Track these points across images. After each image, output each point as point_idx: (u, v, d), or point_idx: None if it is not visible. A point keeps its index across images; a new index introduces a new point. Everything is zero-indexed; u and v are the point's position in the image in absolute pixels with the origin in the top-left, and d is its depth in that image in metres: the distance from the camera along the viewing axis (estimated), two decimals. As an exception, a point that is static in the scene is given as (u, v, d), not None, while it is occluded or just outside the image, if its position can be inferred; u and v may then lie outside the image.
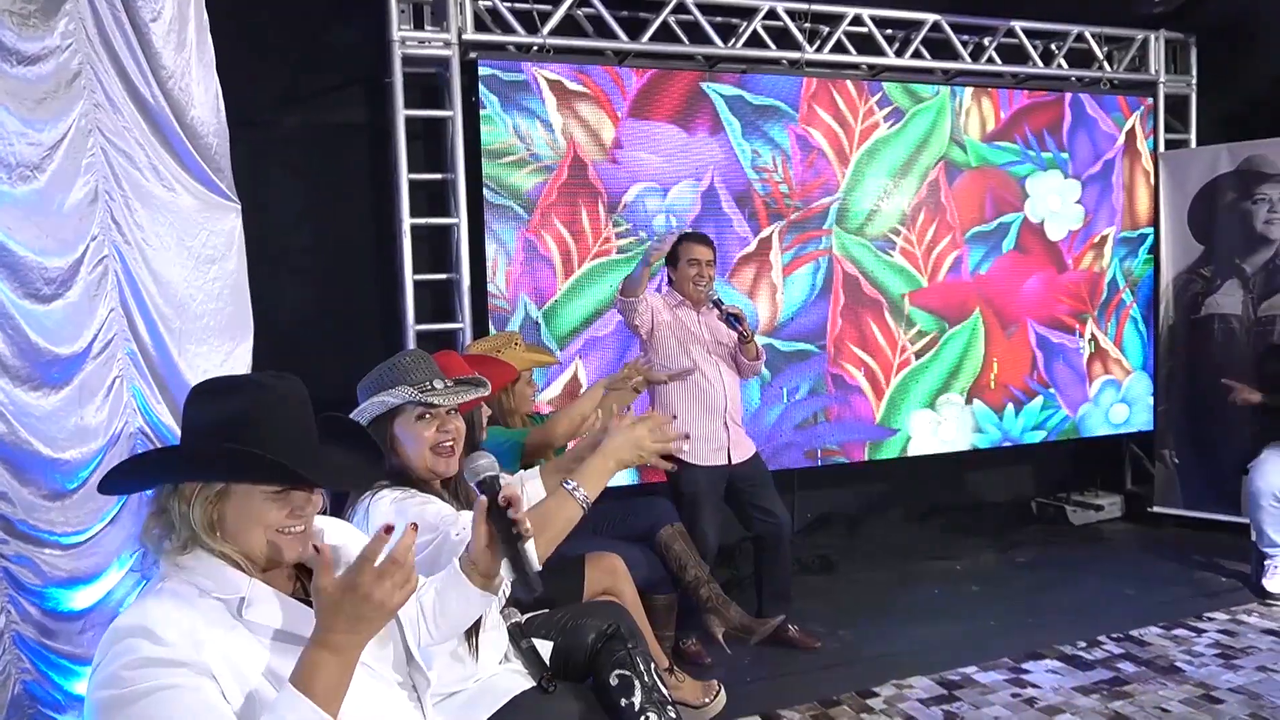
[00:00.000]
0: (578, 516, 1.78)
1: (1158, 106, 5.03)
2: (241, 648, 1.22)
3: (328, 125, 3.82)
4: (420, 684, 1.46)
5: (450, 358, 2.48)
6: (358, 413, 1.84)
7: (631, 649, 1.92)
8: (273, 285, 3.31)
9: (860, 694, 3.03)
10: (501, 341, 3.05)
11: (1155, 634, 3.49)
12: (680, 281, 3.39)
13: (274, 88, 3.67)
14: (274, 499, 1.27)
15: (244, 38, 3.30)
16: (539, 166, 3.86)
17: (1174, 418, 4.96)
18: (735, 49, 4.17)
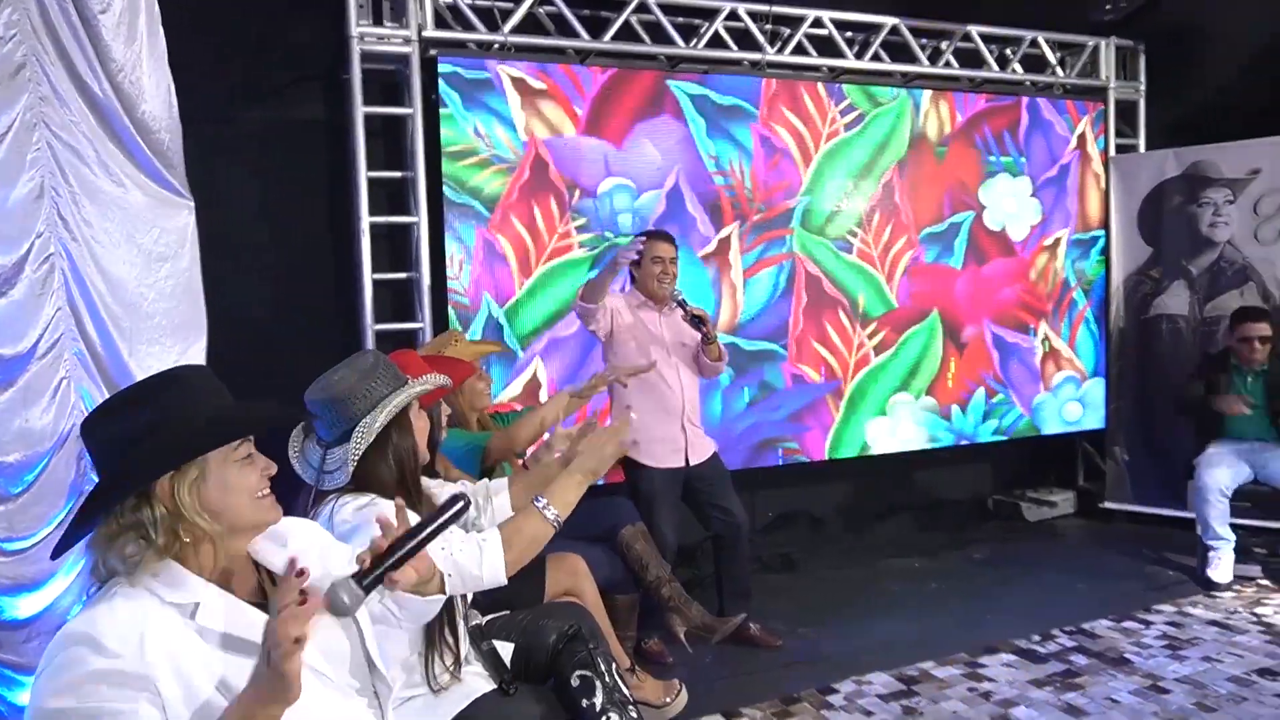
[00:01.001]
0: (548, 535, 1.79)
1: (1108, 111, 5.15)
2: (193, 654, 1.20)
3: (285, 121, 3.76)
4: (382, 690, 1.45)
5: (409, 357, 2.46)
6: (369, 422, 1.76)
7: (593, 649, 1.91)
8: (228, 284, 3.23)
9: (821, 691, 3.06)
10: (443, 341, 3.03)
11: (1106, 626, 3.57)
12: (644, 280, 3.35)
13: (230, 83, 3.60)
14: (246, 464, 1.31)
15: (199, 32, 3.23)
16: (501, 167, 3.84)
17: (1124, 416, 5.08)
18: (697, 49, 4.19)
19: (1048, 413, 5.09)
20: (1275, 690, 2.97)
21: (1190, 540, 4.16)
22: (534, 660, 1.96)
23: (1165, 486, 4.69)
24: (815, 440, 4.52)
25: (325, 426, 1.78)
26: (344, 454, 1.73)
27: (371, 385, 1.78)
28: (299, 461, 1.83)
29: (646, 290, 3.37)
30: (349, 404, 1.76)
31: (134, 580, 1.22)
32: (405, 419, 1.82)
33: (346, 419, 1.75)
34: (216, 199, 3.24)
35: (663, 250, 3.34)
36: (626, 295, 3.45)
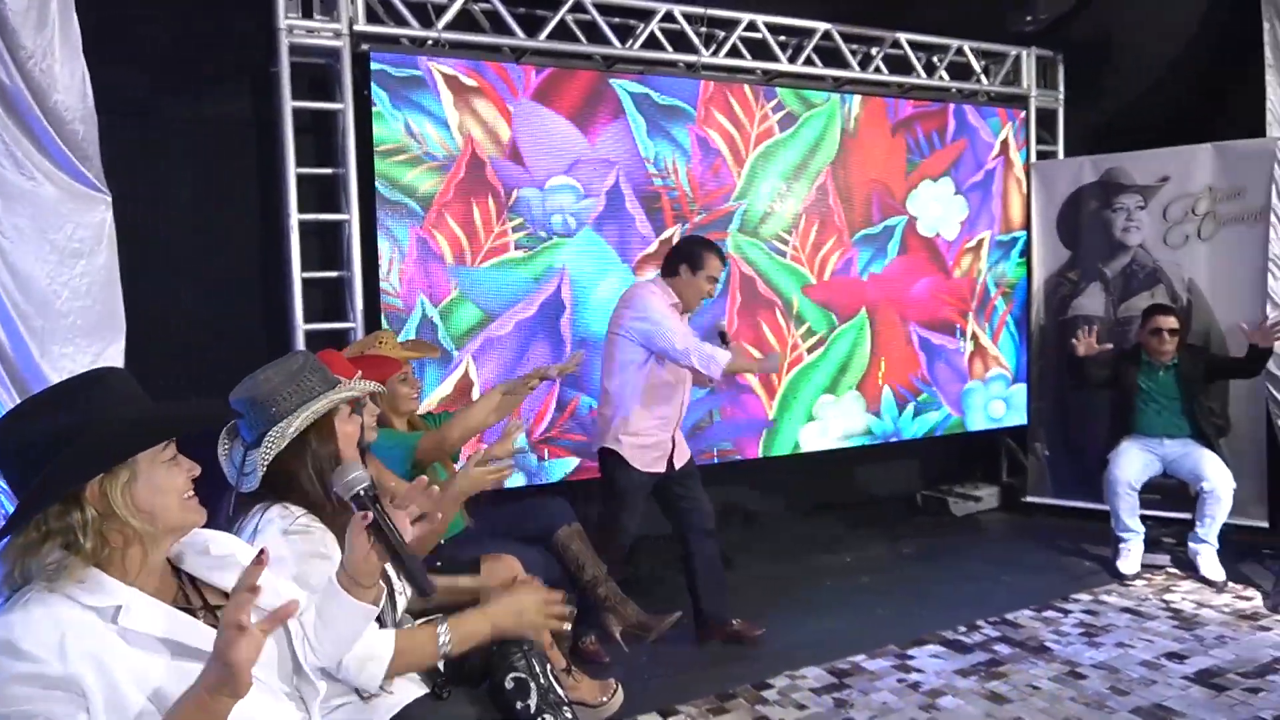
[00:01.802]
0: (430, 662, 1.78)
1: (1029, 119, 5.34)
2: (117, 657, 1.19)
3: (211, 115, 3.65)
4: (308, 693, 1.44)
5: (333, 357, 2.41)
6: (283, 427, 1.70)
7: (527, 650, 1.90)
8: (150, 282, 3.14)
9: (755, 686, 3.10)
10: (368, 342, 2.98)
11: (1027, 616, 3.70)
12: (688, 290, 3.29)
13: (153, 75, 3.47)
14: (173, 465, 1.31)
15: (121, 21, 3.12)
16: (434, 165, 3.79)
17: (1045, 414, 5.27)
18: (633, 50, 4.20)
19: (976, 408, 5.25)
20: (1182, 673, 3.12)
21: (1106, 532, 4.34)
22: (468, 663, 1.94)
23: (1082, 481, 4.88)
24: (749, 439, 4.58)
25: (247, 427, 1.74)
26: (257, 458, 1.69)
27: (295, 388, 1.73)
28: (225, 461, 1.79)
29: (684, 297, 3.32)
30: (269, 406, 1.72)
31: (53, 587, 1.20)
32: (327, 424, 1.78)
33: (265, 421, 1.71)
34: (138, 194, 3.14)
35: (719, 272, 3.35)
36: (660, 286, 3.33)
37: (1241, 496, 4.17)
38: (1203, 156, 4.72)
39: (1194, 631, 3.49)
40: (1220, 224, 4.69)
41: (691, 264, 3.28)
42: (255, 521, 1.71)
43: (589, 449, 4.14)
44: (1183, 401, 4.24)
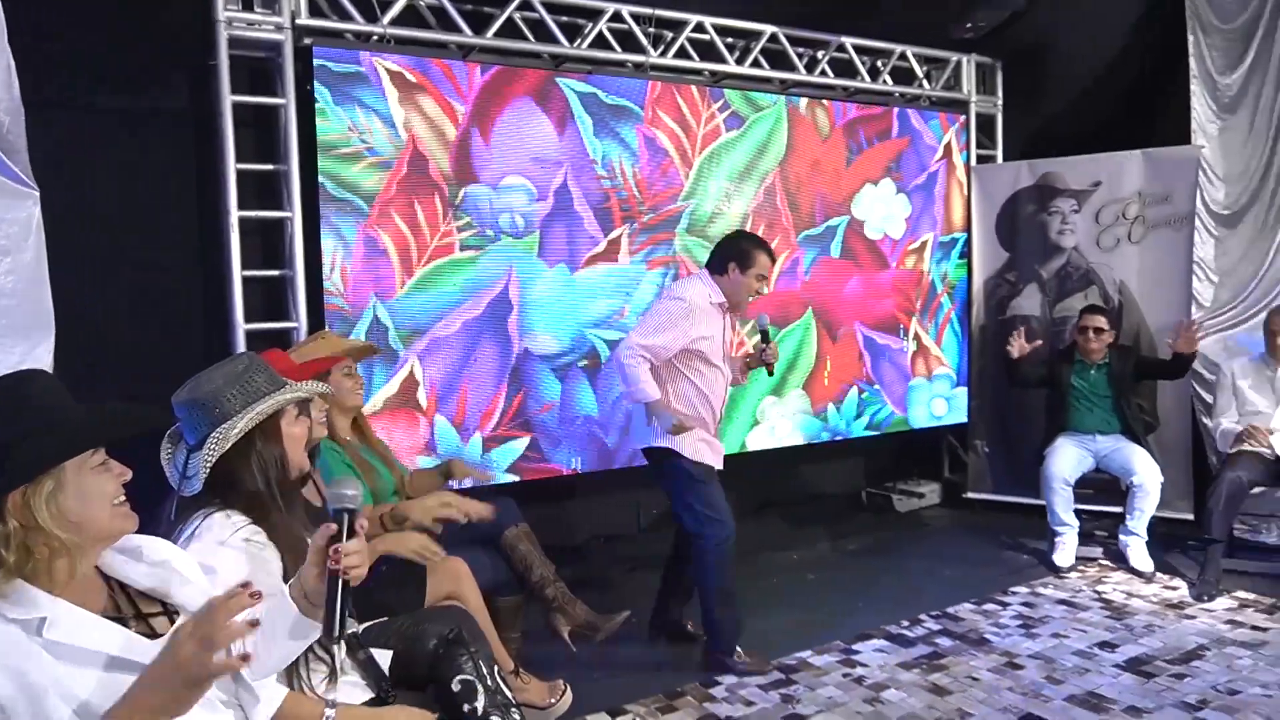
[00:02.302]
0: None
1: (970, 123, 5.47)
2: (41, 670, 1.15)
3: (146, 109, 3.54)
4: (248, 702, 1.42)
5: (278, 357, 2.37)
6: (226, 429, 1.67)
7: (474, 653, 1.89)
8: (82, 280, 3.04)
9: (703, 684, 3.12)
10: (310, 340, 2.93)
11: (968, 609, 3.79)
12: (738, 287, 3.21)
13: (86, 67, 3.36)
14: (102, 471, 1.27)
15: (52, 11, 3.02)
16: (377, 161, 3.74)
17: (985, 411, 5.40)
18: (581, 49, 4.19)
19: (917, 409, 5.36)
20: (1114, 661, 3.23)
21: (1043, 526, 4.46)
22: (414, 667, 1.93)
23: (1020, 477, 5.01)
24: (698, 438, 4.60)
25: (190, 430, 1.71)
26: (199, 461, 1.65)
27: (239, 390, 1.70)
28: (168, 465, 1.75)
29: (733, 295, 3.23)
30: (212, 408, 1.68)
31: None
32: (273, 426, 1.75)
33: (208, 423, 1.67)
34: (69, 189, 3.03)
35: (769, 269, 3.28)
36: (709, 285, 3.23)
37: (1168, 491, 4.33)
38: (1132, 162, 4.89)
39: (1124, 621, 3.61)
40: (1149, 228, 4.86)
41: (741, 262, 3.20)
42: (195, 526, 1.67)
43: (536, 445, 4.13)
44: (1114, 399, 4.39)
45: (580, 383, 4.24)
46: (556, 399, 4.18)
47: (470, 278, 3.95)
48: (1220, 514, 3.92)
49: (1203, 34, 4.92)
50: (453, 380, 3.93)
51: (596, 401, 4.28)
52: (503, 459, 4.07)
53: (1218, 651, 3.28)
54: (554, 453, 4.19)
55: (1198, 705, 2.87)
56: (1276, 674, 3.07)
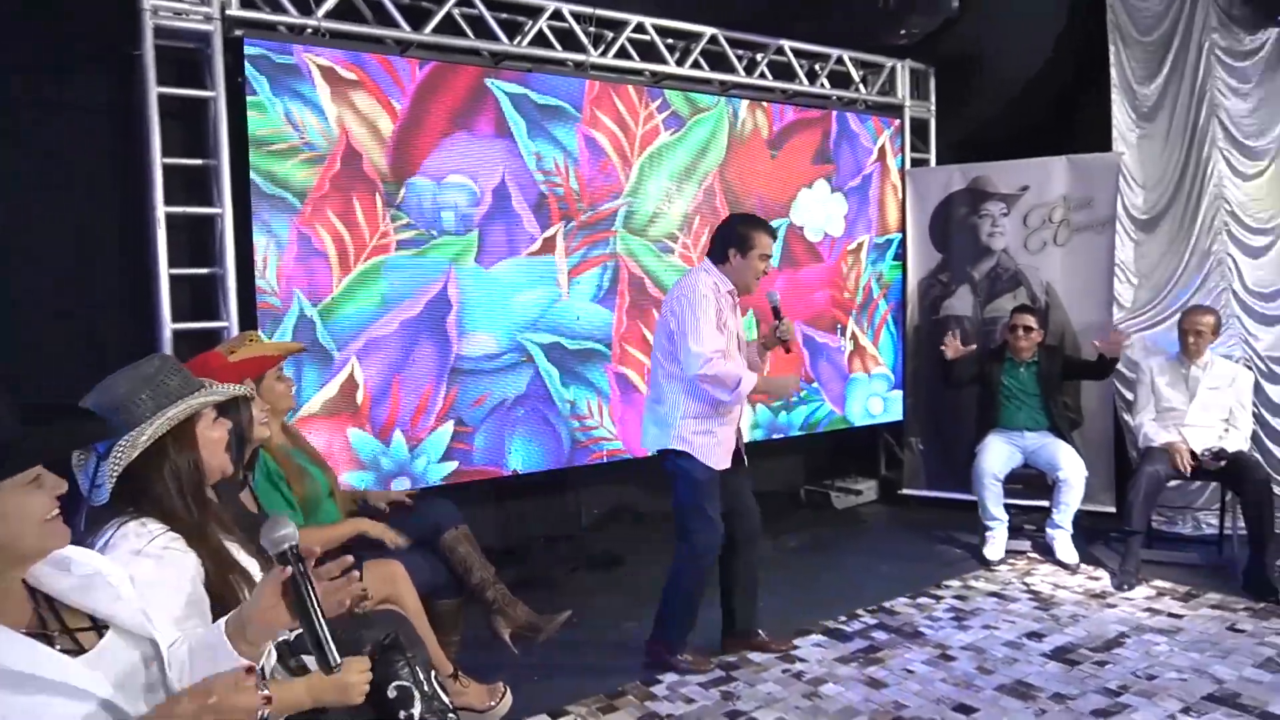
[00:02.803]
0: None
1: (904, 128, 5.59)
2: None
3: (69, 100, 3.40)
4: None
5: (211, 358, 2.31)
6: (134, 435, 1.60)
7: (411, 658, 1.86)
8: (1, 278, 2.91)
9: (644, 683, 3.13)
10: (236, 343, 2.86)
11: (903, 603, 3.88)
12: (742, 273, 3.14)
13: (3, 56, 3.22)
14: (34, 488, 1.21)
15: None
16: (310, 157, 3.66)
17: (919, 410, 5.53)
18: (521, 47, 4.17)
19: (854, 407, 5.45)
20: (1041, 650, 3.33)
21: (975, 520, 4.58)
22: (348, 673, 1.88)
23: (953, 473, 5.15)
24: (637, 437, 4.60)
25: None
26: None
27: (150, 393, 1.63)
28: (80, 473, 1.67)
29: (740, 280, 3.16)
30: (119, 415, 1.60)
31: None
32: (187, 431, 1.67)
33: (115, 430, 1.60)
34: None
35: (771, 247, 3.19)
36: (714, 275, 3.15)
37: (1092, 485, 4.49)
38: (1058, 168, 5.05)
39: (1051, 611, 3.74)
40: (1073, 231, 5.03)
41: (740, 246, 3.13)
42: (108, 537, 1.59)
43: (475, 446, 4.09)
44: (1041, 397, 4.53)
45: (519, 383, 4.21)
46: (495, 399, 4.15)
47: (409, 276, 3.90)
48: (1139, 506, 4.08)
49: (1123, 45, 5.11)
50: (390, 381, 3.87)
51: (536, 401, 4.25)
52: (440, 460, 4.02)
53: (1137, 638, 3.42)
54: (493, 454, 4.15)
55: (1118, 691, 2.98)
56: (1191, 659, 3.21)
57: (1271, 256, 4.93)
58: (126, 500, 1.62)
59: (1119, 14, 5.10)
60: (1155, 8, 5.05)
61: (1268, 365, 4.91)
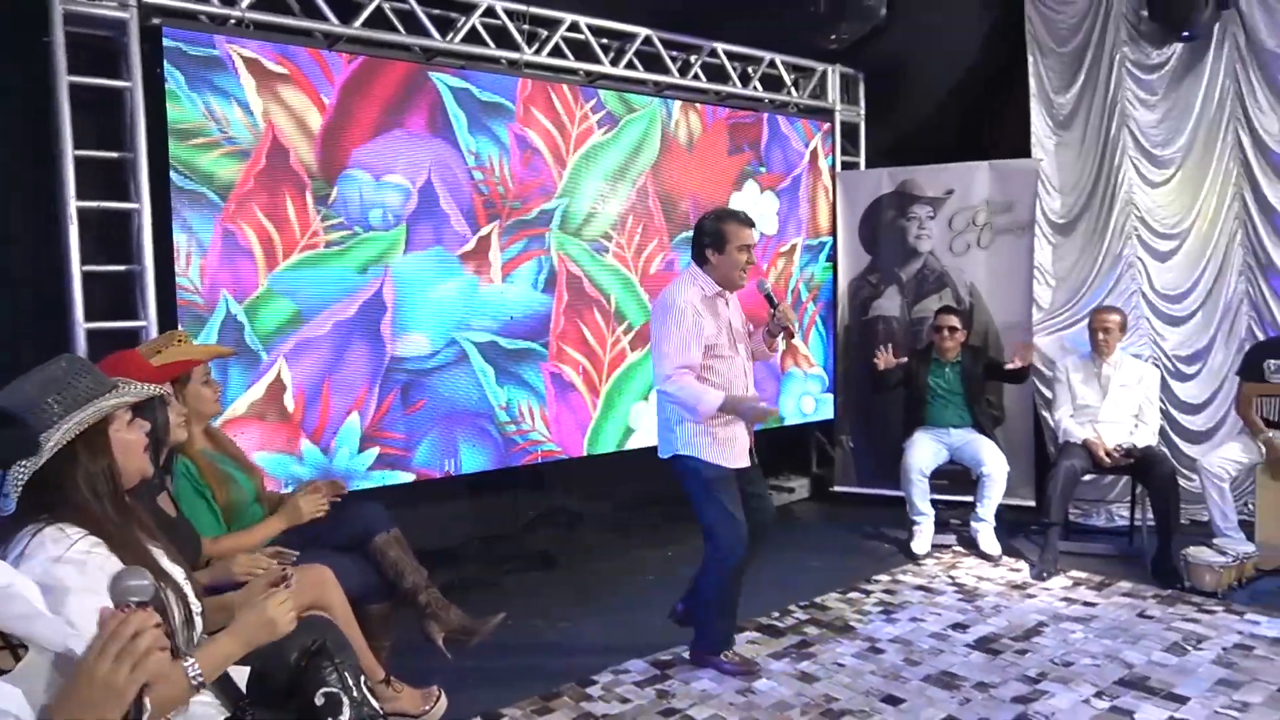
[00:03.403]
0: (186, 700, 1.61)
1: (835, 131, 5.70)
2: None
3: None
4: None
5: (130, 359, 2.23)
6: (41, 441, 1.51)
7: (339, 664, 1.82)
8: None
9: (579, 684, 3.13)
10: (163, 341, 2.77)
11: (834, 598, 3.96)
12: (724, 267, 3.10)
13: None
14: None
15: None
16: (235, 150, 3.55)
17: (850, 408, 5.64)
18: (454, 44, 4.12)
19: (786, 406, 5.54)
20: (965, 641, 3.44)
21: (903, 516, 4.70)
22: (274, 682, 1.84)
23: (882, 470, 5.27)
24: (573, 438, 4.61)
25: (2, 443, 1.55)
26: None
27: (59, 396, 1.55)
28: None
29: (724, 278, 3.13)
30: (24, 420, 1.52)
31: None
32: (99, 436, 1.60)
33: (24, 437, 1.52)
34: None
35: (749, 237, 3.12)
36: (697, 281, 3.12)
37: (1013, 479, 4.65)
38: (980, 172, 5.22)
39: (975, 603, 3.86)
40: (995, 234, 5.20)
41: (716, 244, 3.10)
42: (23, 545, 1.52)
43: (408, 447, 4.03)
44: (965, 396, 4.68)
45: (452, 384, 4.16)
46: (429, 400, 4.09)
47: (341, 276, 3.82)
48: (1057, 500, 4.24)
49: (1040, 56, 5.31)
50: (321, 383, 3.78)
51: (470, 402, 4.21)
52: (372, 463, 3.95)
53: (1055, 627, 3.55)
54: (427, 455, 4.10)
55: (1037, 678, 3.10)
56: (1104, 645, 3.36)
57: (1178, 260, 5.17)
58: (40, 508, 1.54)
59: (1037, 26, 5.30)
60: (1070, 21, 5.25)
61: (1175, 364, 5.15)
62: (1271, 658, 3.21)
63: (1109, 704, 2.89)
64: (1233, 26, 4.96)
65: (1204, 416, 5.14)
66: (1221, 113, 5.04)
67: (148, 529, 1.70)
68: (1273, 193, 4.92)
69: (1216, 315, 5.12)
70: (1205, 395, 5.14)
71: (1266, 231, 4.97)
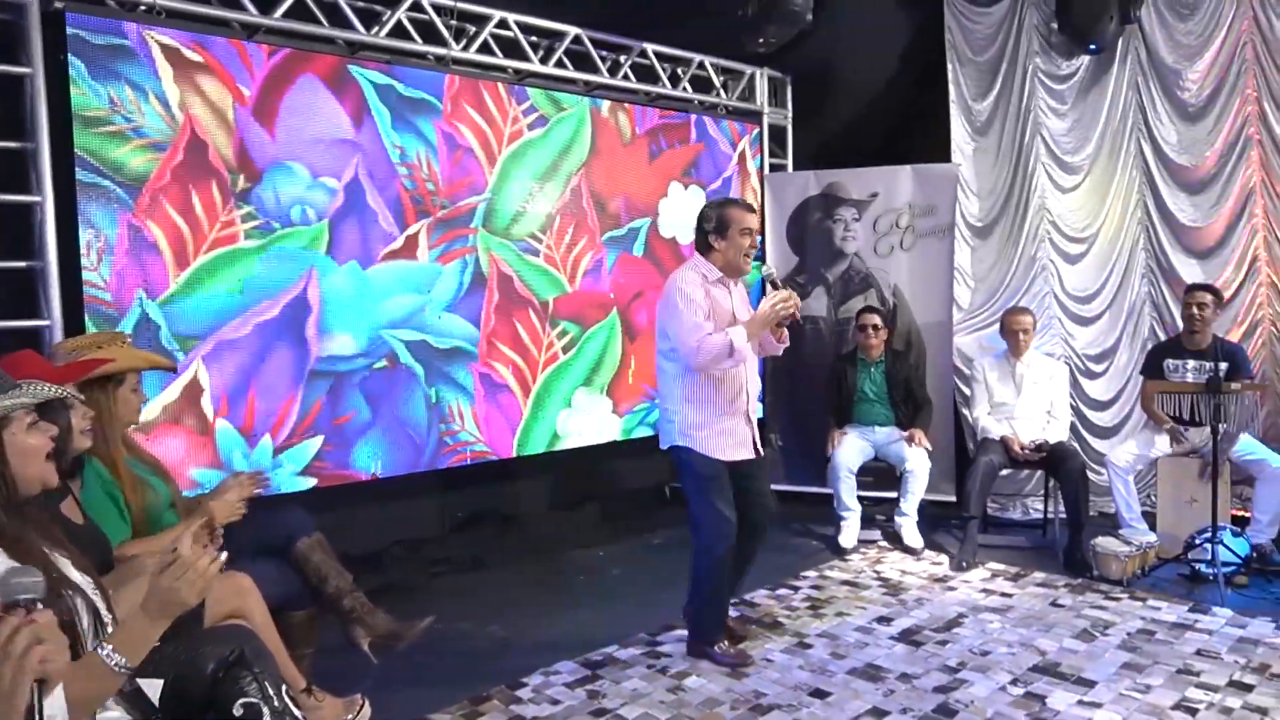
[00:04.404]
0: (114, 688, 1.54)
1: (763, 134, 5.77)
2: None
3: None
4: None
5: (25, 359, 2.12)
6: None
7: (258, 674, 1.77)
8: None
9: (509, 686, 3.10)
10: (105, 338, 2.65)
11: (763, 595, 4.01)
12: (728, 252, 3.12)
13: None
14: None
15: None
16: (147, 143, 3.41)
17: (778, 407, 5.72)
18: (379, 38, 4.04)
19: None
20: (889, 634, 3.52)
21: (830, 513, 4.79)
22: (190, 695, 1.77)
23: (811, 468, 5.36)
24: (503, 438, 4.57)
25: None
26: None
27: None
28: None
29: (729, 264, 3.14)
30: None
31: None
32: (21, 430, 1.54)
33: None
34: None
35: (751, 221, 3.14)
36: (699, 268, 3.15)
37: (935, 475, 4.79)
38: (903, 176, 5.35)
39: (898, 596, 3.95)
40: (918, 236, 5.34)
41: (719, 231, 3.14)
42: None
43: (332, 450, 3.93)
44: (890, 395, 4.80)
45: (380, 384, 4.08)
46: (355, 401, 4.00)
47: (263, 276, 3.70)
48: (976, 494, 4.39)
49: (959, 64, 5.48)
50: (243, 385, 3.66)
51: (410, 398, 4.13)
52: (296, 466, 3.84)
53: (974, 618, 3.67)
54: (352, 457, 4.00)
55: (957, 667, 3.19)
56: (1019, 634, 3.48)
57: (1086, 263, 5.40)
58: None
59: (956, 35, 5.47)
60: (987, 31, 5.44)
61: (1084, 363, 5.38)
62: (1171, 641, 3.38)
63: (1024, 690, 3.00)
64: (1135, 41, 5.20)
65: (1111, 413, 5.38)
66: (1125, 123, 5.28)
67: (53, 537, 1.62)
68: (1172, 200, 5.18)
69: (1122, 316, 5.37)
70: (1112, 392, 5.38)
71: (1166, 236, 5.22)
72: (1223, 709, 2.84)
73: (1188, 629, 3.49)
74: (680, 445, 3.18)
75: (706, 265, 3.19)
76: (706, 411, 3.15)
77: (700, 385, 3.14)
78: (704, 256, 3.21)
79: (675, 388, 3.18)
